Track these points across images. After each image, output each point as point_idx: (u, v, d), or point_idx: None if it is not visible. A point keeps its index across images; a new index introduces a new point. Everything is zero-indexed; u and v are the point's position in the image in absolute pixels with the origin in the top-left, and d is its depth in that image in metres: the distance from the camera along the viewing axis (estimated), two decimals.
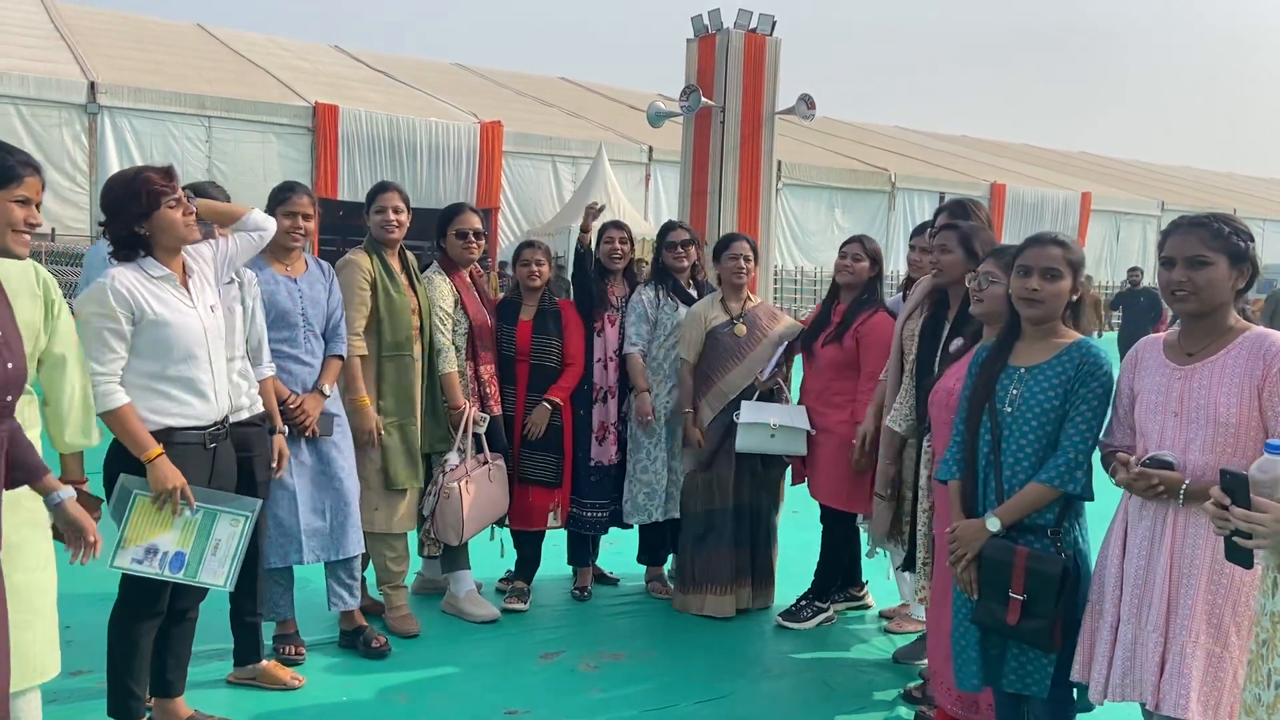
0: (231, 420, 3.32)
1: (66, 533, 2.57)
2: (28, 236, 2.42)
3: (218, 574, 3.06)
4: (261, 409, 3.49)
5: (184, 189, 3.18)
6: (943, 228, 3.68)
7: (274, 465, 3.55)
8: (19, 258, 2.45)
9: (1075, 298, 2.79)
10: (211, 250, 3.27)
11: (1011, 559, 2.69)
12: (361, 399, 4.04)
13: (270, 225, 3.43)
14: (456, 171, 21.34)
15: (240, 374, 3.42)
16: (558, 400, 4.57)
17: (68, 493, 2.55)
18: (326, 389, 3.85)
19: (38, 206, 2.43)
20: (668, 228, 4.87)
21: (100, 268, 3.17)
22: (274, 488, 3.64)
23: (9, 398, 2.25)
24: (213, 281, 3.20)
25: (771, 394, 4.51)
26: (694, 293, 4.77)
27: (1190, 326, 2.52)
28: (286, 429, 3.68)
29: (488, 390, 4.46)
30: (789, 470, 4.73)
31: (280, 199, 3.82)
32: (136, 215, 2.96)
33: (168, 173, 3.02)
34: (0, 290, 2.38)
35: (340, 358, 3.95)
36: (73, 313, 2.80)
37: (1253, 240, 2.47)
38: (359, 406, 4.04)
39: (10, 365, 2.25)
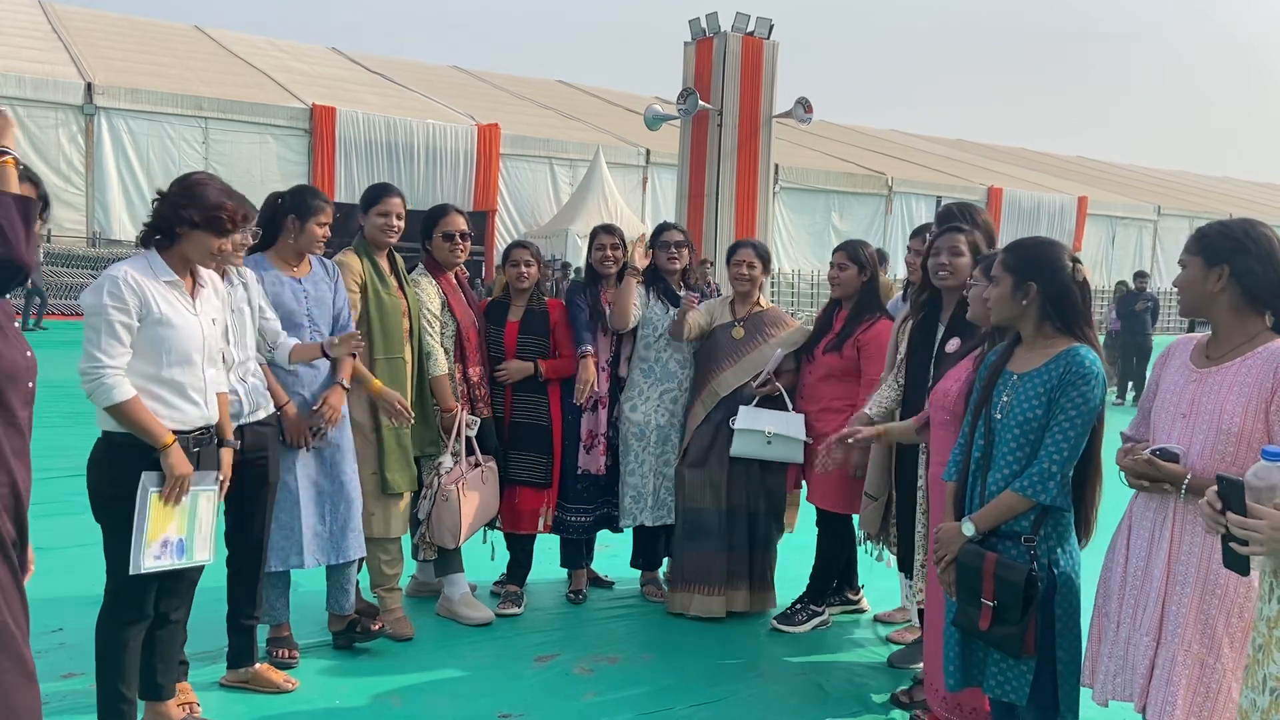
0: (248, 421, 3.40)
1: None
2: None
3: (204, 550, 3.12)
4: (274, 408, 3.57)
5: None
6: (950, 230, 3.68)
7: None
8: None
9: (1025, 301, 2.73)
10: (228, 288, 3.35)
11: (981, 565, 2.70)
12: (373, 384, 4.01)
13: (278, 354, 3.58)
14: (454, 173, 21.37)
15: (255, 375, 3.48)
16: (542, 368, 4.55)
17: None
18: (345, 382, 3.84)
19: None
20: (662, 228, 4.85)
21: None
22: (278, 489, 3.66)
23: (30, 384, 2.38)
24: (222, 299, 3.26)
25: (773, 401, 4.50)
26: (683, 295, 4.76)
27: (1213, 331, 2.55)
28: (293, 404, 3.71)
29: (477, 392, 4.46)
30: (802, 485, 4.69)
31: (313, 209, 3.83)
32: (197, 222, 2.99)
33: (246, 217, 3.13)
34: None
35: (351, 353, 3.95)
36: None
37: (1249, 245, 2.43)
38: (377, 391, 4.01)
39: (29, 353, 2.37)
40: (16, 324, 2.43)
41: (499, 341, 4.58)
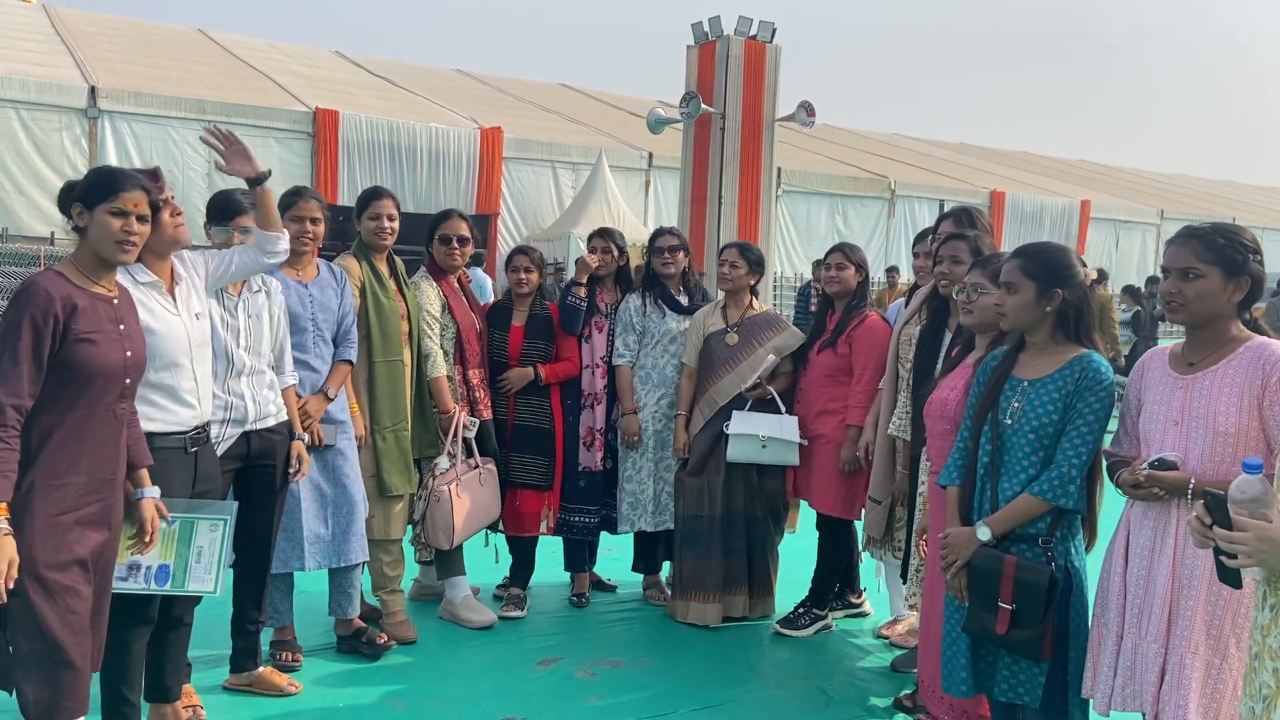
0: (258, 428, 3.39)
1: (139, 526, 2.85)
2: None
3: (205, 581, 3.05)
4: (286, 417, 3.54)
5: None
6: (952, 237, 3.67)
7: (293, 470, 3.57)
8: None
9: (1050, 309, 2.75)
10: (205, 261, 3.26)
11: (1000, 568, 2.70)
12: (351, 405, 4.03)
13: (283, 254, 3.43)
14: (456, 177, 21.35)
15: (269, 385, 3.48)
16: (543, 373, 4.58)
17: (153, 491, 2.87)
18: (331, 392, 3.84)
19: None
20: (657, 234, 4.86)
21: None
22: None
23: (128, 380, 2.65)
24: (201, 290, 3.19)
25: (766, 404, 4.50)
26: (684, 300, 4.77)
27: (1192, 336, 2.54)
28: (307, 436, 3.69)
29: (477, 395, 4.46)
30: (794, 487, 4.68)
31: (288, 204, 3.83)
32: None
33: (154, 174, 2.97)
34: (126, 291, 2.78)
35: (349, 363, 3.94)
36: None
37: (1257, 253, 2.45)
38: (349, 413, 4.03)
39: (130, 353, 2.66)
40: (122, 326, 2.66)
41: (503, 346, 4.59)
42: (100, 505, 2.65)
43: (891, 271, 16.90)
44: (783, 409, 4.45)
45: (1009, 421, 2.78)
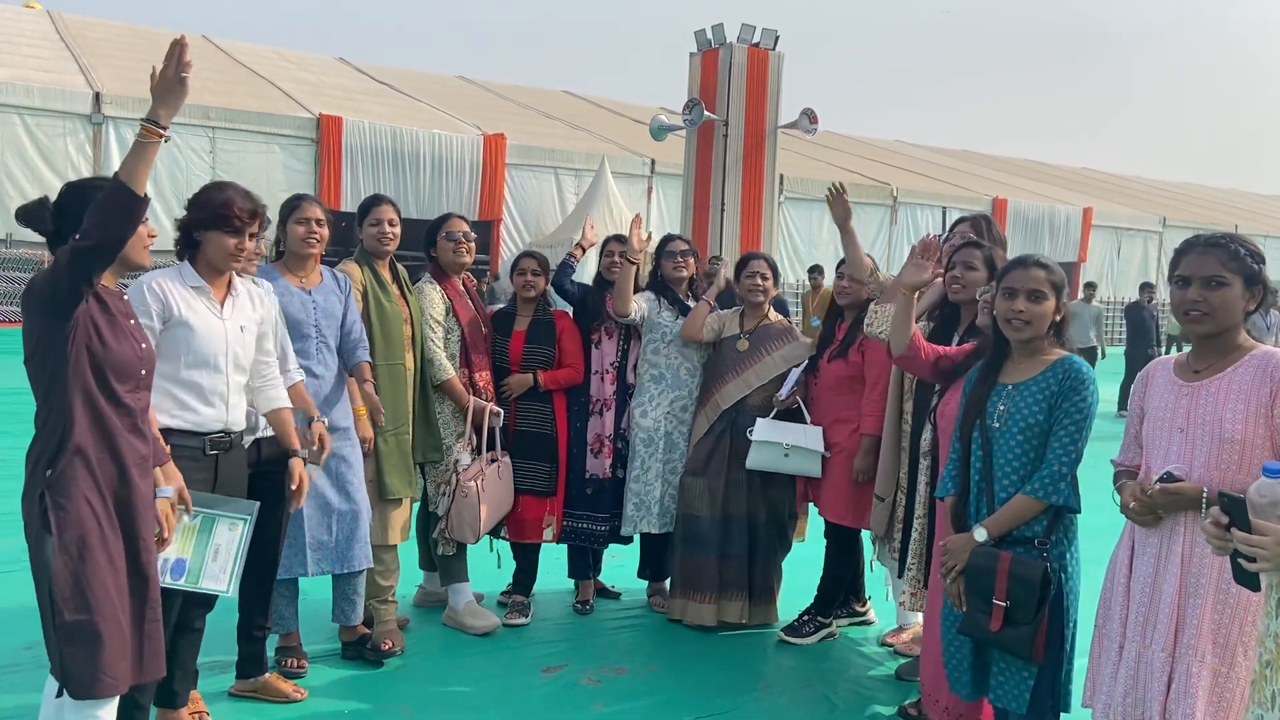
0: (269, 434, 3.42)
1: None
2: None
3: (220, 580, 3.07)
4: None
5: None
6: (966, 244, 3.70)
7: (294, 486, 3.36)
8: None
9: (1059, 317, 2.84)
10: (266, 305, 3.38)
11: (995, 564, 2.73)
12: (358, 409, 4.03)
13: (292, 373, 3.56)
14: (459, 183, 21.37)
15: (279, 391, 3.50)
16: (541, 379, 4.59)
17: (167, 490, 2.87)
18: (366, 389, 3.91)
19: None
20: (667, 239, 4.92)
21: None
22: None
23: (143, 372, 2.69)
24: (259, 310, 3.32)
25: (791, 414, 4.51)
26: (691, 304, 4.79)
27: (1200, 345, 2.54)
28: (307, 452, 3.60)
29: (483, 396, 4.47)
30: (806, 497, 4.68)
31: (293, 207, 3.87)
32: (199, 222, 3.10)
33: (254, 212, 3.15)
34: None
35: (369, 363, 3.97)
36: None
37: (1264, 262, 2.48)
38: (356, 417, 4.04)
39: (144, 345, 2.71)
40: (132, 321, 2.69)
41: (504, 351, 4.60)
42: (130, 491, 2.66)
43: (814, 272, 14.99)
44: (808, 419, 4.46)
45: (997, 425, 2.82)
